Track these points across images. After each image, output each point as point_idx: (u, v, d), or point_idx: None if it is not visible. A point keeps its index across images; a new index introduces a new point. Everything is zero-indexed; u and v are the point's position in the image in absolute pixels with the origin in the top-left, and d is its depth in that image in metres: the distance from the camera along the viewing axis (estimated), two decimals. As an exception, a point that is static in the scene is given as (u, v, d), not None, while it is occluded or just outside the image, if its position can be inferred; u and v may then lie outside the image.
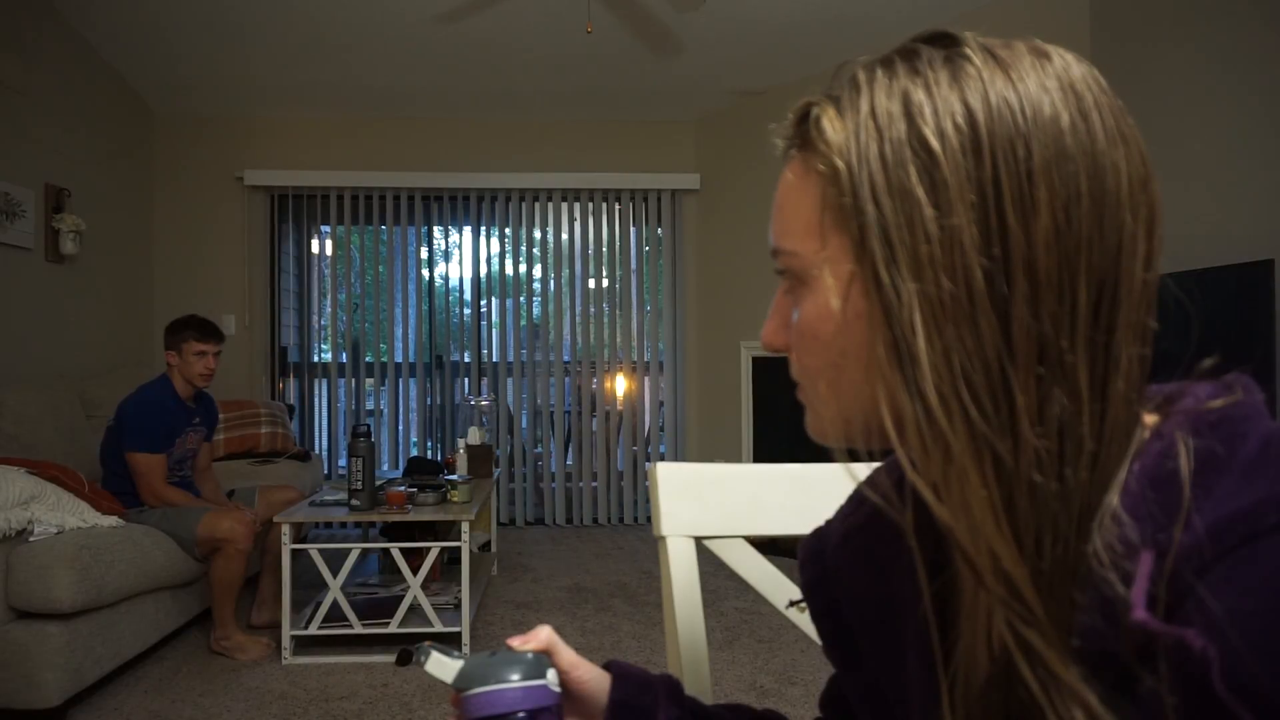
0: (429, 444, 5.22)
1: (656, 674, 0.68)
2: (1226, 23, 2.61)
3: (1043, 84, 0.41)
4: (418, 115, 5.00)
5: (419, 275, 5.17)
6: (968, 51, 0.42)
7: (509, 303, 5.20)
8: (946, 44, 0.43)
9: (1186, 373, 0.45)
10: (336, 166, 4.91)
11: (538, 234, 5.19)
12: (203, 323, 3.05)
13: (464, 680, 0.59)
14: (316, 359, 5.18)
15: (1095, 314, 0.40)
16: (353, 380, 5.02)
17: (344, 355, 5.01)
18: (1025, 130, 0.40)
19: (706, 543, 0.91)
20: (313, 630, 2.79)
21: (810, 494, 0.90)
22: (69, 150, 3.90)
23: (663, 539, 0.89)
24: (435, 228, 5.22)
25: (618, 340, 5.19)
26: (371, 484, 2.91)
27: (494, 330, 5.96)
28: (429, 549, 2.99)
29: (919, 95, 0.42)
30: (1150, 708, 0.36)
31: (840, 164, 0.43)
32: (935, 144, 0.40)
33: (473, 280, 5.19)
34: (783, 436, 4.25)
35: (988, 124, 0.40)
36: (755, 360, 4.47)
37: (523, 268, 5.18)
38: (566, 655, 0.65)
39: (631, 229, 5.24)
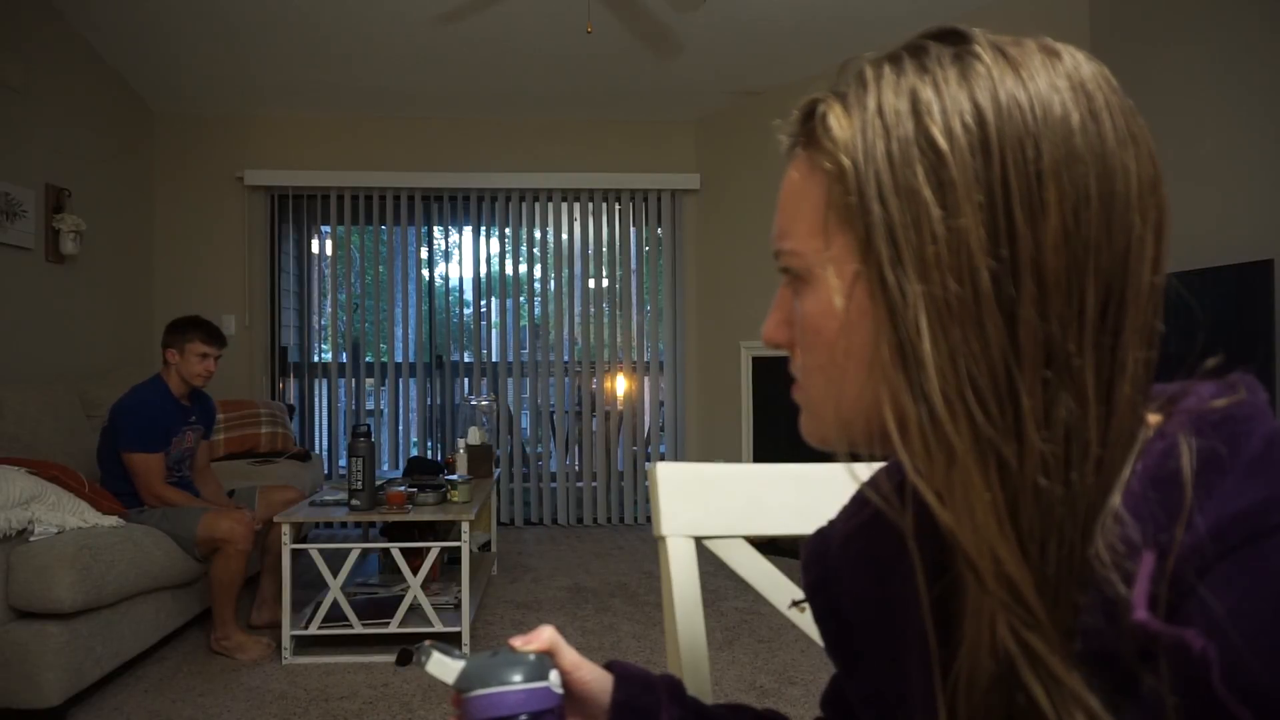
0: (429, 444, 5.22)
1: (658, 674, 0.68)
2: (1226, 22, 2.61)
3: (1053, 83, 0.40)
4: (418, 115, 4.99)
5: (419, 275, 5.17)
6: (977, 49, 0.42)
7: (509, 303, 5.20)
8: (956, 41, 0.43)
9: (1190, 372, 0.45)
10: (336, 166, 4.91)
11: (538, 234, 5.19)
12: (210, 327, 3.05)
13: (465, 681, 0.58)
14: (316, 359, 5.18)
15: (1103, 317, 0.40)
16: (353, 380, 5.01)
17: (344, 355, 5.01)
18: (1035, 130, 0.39)
19: (706, 543, 0.91)
20: (313, 630, 2.79)
21: (810, 494, 0.90)
22: (69, 150, 3.90)
23: (663, 539, 0.89)
24: (435, 228, 5.22)
25: (618, 340, 5.19)
26: (371, 484, 2.91)
27: (494, 330, 5.96)
28: (429, 549, 2.99)
29: (927, 93, 0.41)
30: (1151, 708, 0.36)
31: (846, 162, 0.42)
32: (943, 143, 0.40)
33: (473, 280, 5.19)
34: (783, 436, 4.24)
35: (997, 123, 0.40)
36: (755, 360, 4.46)
37: (523, 268, 5.18)
38: (569, 656, 0.64)
39: (631, 229, 5.24)
